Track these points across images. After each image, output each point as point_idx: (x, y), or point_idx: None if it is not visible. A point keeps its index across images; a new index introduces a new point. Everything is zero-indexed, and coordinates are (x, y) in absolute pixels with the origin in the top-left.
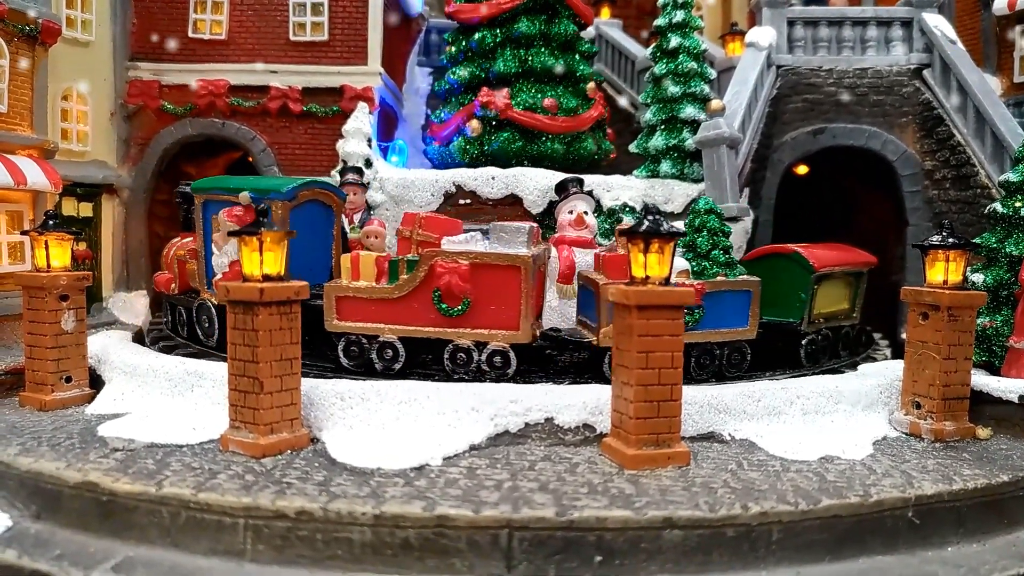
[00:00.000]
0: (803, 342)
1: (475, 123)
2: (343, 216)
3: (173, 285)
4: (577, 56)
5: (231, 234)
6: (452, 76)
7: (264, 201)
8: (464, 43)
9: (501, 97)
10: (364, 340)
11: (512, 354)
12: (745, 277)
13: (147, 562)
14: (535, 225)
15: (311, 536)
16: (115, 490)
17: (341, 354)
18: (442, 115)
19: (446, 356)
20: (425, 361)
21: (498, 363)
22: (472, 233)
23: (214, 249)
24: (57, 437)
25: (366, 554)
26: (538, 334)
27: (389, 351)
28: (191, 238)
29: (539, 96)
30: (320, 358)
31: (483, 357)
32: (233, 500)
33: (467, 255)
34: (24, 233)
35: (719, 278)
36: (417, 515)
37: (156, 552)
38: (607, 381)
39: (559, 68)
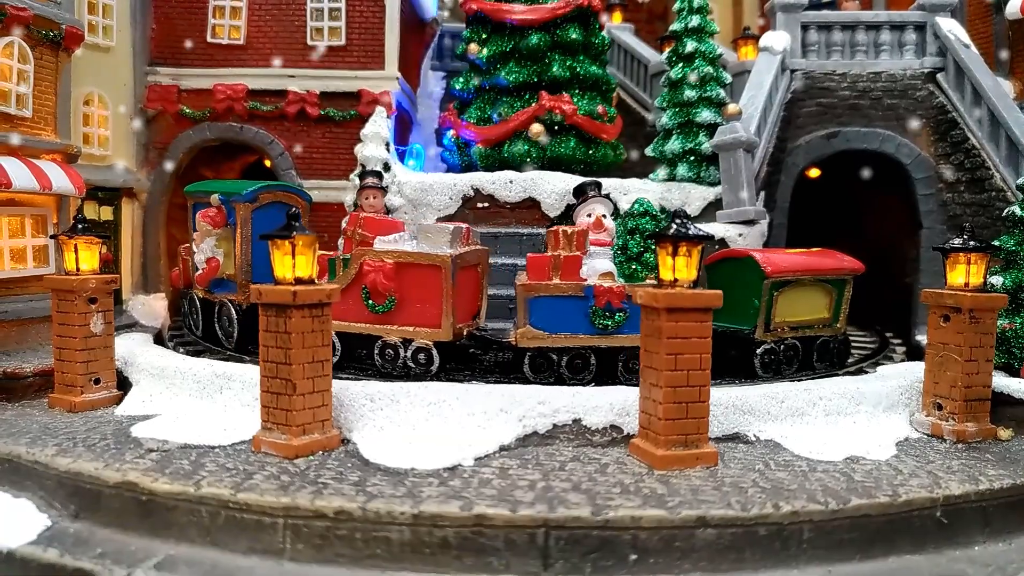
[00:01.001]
0: (758, 351)
1: (536, 127)
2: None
3: (180, 281)
4: (605, 65)
5: (262, 237)
6: (503, 78)
7: (230, 202)
8: (508, 44)
9: (566, 102)
10: None
11: (435, 352)
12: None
13: (188, 560)
14: (464, 226)
15: (350, 535)
16: (155, 490)
17: None
18: (491, 116)
19: (376, 352)
20: (360, 356)
21: (422, 360)
22: (403, 233)
23: (193, 247)
24: (91, 438)
25: (405, 553)
26: (464, 333)
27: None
28: None
29: (593, 103)
30: None
31: (408, 354)
32: (272, 500)
33: (392, 254)
34: (53, 237)
35: (649, 280)
36: (455, 514)
37: (196, 550)
38: (528, 381)
39: (601, 75)
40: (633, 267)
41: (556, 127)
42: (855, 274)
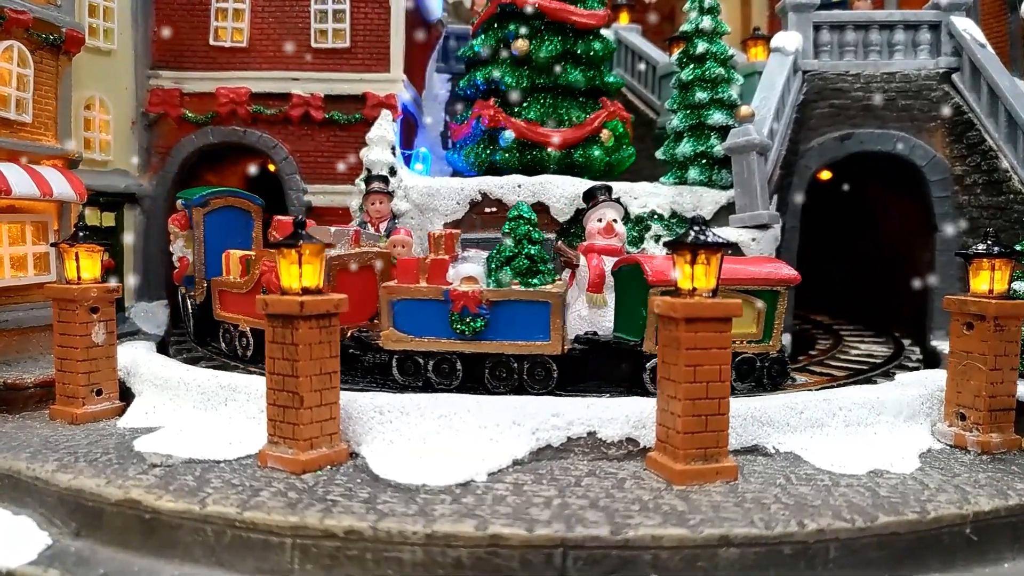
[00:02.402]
0: (647, 366)
1: (606, 132)
2: (370, 224)
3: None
4: None
5: (268, 246)
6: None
7: (188, 207)
8: (578, 47)
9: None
10: (232, 329)
11: None
12: (545, 288)
13: None
14: (353, 229)
15: (360, 555)
16: (158, 508)
17: (221, 341)
18: (567, 117)
19: None
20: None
21: None
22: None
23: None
24: (93, 452)
25: (417, 573)
26: (348, 334)
27: (245, 340)
28: None
29: None
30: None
31: None
32: (280, 519)
33: (264, 251)
34: (54, 245)
35: (514, 287)
36: (469, 534)
37: (201, 571)
38: (399, 384)
39: None
40: (503, 271)
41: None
42: (787, 285)
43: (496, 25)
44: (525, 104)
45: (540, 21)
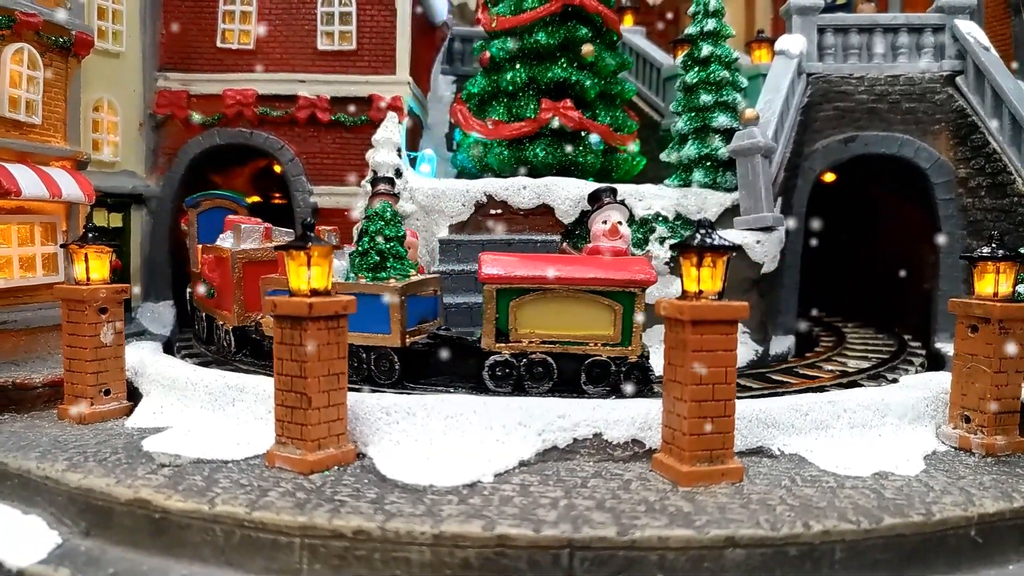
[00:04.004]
0: (486, 363)
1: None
2: None
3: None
4: None
5: (277, 248)
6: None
7: (186, 208)
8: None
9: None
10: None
11: (232, 337)
12: (387, 283)
13: None
14: (264, 226)
15: (368, 555)
16: (168, 507)
17: (195, 326)
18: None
19: (215, 333)
20: (216, 337)
21: (227, 344)
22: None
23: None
24: (102, 452)
25: (425, 574)
26: (255, 322)
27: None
28: None
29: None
30: None
31: (222, 335)
32: (289, 519)
33: (210, 249)
34: (63, 246)
35: (360, 280)
36: (477, 535)
37: (210, 570)
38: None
39: None
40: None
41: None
42: (642, 287)
43: (557, 24)
44: (599, 109)
45: (597, 27)
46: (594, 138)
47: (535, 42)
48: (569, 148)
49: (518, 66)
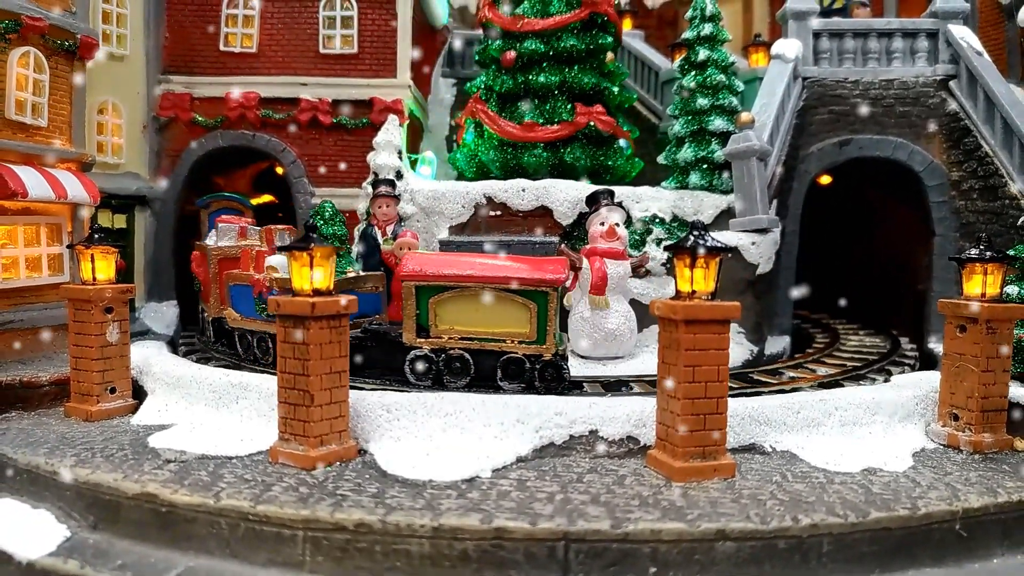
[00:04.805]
0: (407, 357)
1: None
2: (376, 227)
3: None
4: None
5: (280, 249)
6: None
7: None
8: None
9: None
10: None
11: (211, 327)
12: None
13: (208, 572)
14: (239, 225)
15: (370, 548)
16: (174, 501)
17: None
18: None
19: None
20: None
21: (208, 334)
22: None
23: None
24: (109, 448)
25: (424, 566)
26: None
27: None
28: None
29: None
30: None
31: (207, 325)
32: (292, 512)
33: (199, 246)
34: (70, 247)
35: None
36: (475, 527)
37: (216, 562)
38: (239, 358)
39: None
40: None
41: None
42: (552, 287)
43: (582, 31)
44: (618, 115)
45: (615, 36)
46: (623, 142)
47: (566, 47)
48: (599, 152)
49: (548, 68)
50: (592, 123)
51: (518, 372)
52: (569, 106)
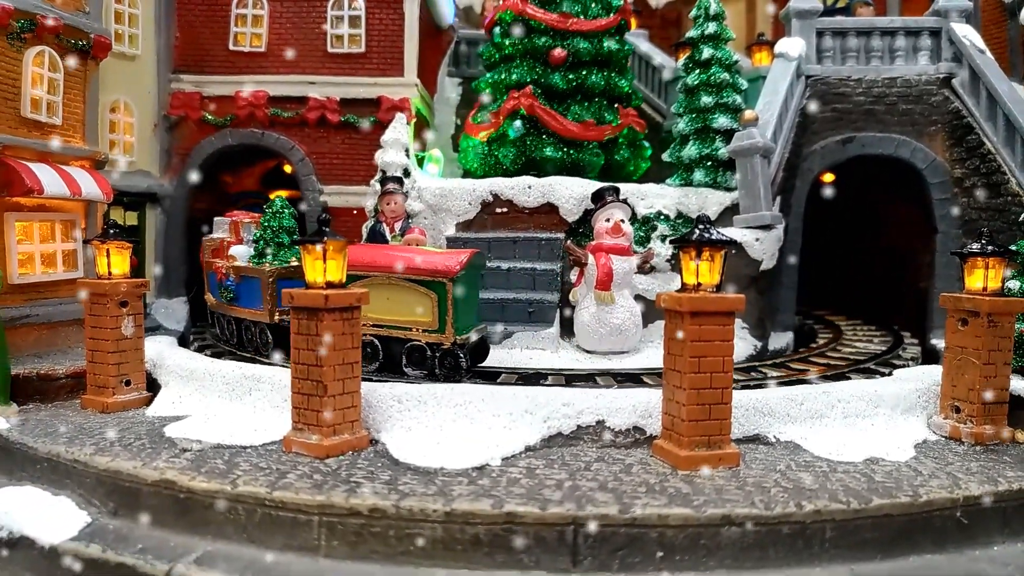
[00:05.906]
0: None
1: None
2: (384, 224)
3: None
4: None
5: (293, 242)
6: None
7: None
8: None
9: None
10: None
11: (210, 316)
12: (260, 266)
13: (226, 556)
14: (231, 220)
15: (384, 532)
16: (192, 488)
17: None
18: None
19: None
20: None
21: (211, 320)
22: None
23: None
24: (127, 438)
25: (437, 550)
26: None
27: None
28: None
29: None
30: None
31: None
32: (307, 498)
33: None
34: (87, 242)
35: (248, 265)
36: (486, 512)
37: (233, 547)
38: (218, 338)
39: None
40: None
41: None
42: (447, 277)
43: (613, 35)
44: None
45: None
46: (646, 143)
47: (609, 49)
48: (636, 152)
49: (596, 70)
50: (631, 125)
51: (420, 359)
52: (614, 107)
